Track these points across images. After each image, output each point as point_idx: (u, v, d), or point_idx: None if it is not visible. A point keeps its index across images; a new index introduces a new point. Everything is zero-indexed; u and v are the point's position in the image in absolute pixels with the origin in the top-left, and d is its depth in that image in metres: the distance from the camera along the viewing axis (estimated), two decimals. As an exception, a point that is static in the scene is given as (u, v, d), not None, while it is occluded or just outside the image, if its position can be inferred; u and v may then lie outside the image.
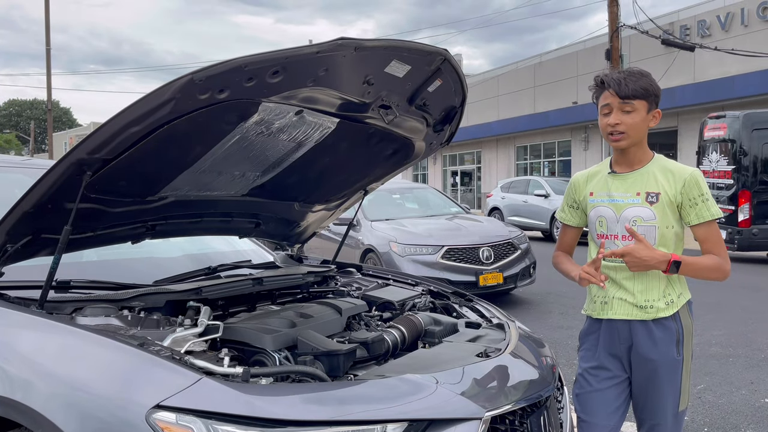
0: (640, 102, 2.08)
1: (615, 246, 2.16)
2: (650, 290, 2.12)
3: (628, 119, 2.08)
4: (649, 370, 2.13)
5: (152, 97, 1.69)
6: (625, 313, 2.14)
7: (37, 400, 1.60)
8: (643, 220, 2.11)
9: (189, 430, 1.47)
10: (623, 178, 2.18)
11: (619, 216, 2.15)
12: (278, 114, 2.10)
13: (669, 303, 2.12)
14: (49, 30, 22.43)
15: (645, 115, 2.10)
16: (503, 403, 1.83)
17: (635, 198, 2.13)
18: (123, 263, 2.81)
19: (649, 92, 2.08)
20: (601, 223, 2.20)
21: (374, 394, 1.71)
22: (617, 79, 2.09)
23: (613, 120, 2.09)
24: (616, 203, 2.16)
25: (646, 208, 2.11)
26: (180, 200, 2.39)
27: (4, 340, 1.79)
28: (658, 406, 2.15)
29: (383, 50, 2.03)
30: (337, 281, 3.10)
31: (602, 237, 2.20)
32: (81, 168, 1.83)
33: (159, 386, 1.54)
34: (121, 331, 1.87)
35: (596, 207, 2.22)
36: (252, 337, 2.02)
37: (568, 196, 2.36)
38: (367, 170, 2.95)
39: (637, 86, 2.06)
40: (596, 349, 2.23)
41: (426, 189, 10.23)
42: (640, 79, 2.08)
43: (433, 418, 1.67)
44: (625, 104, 2.07)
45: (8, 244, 1.96)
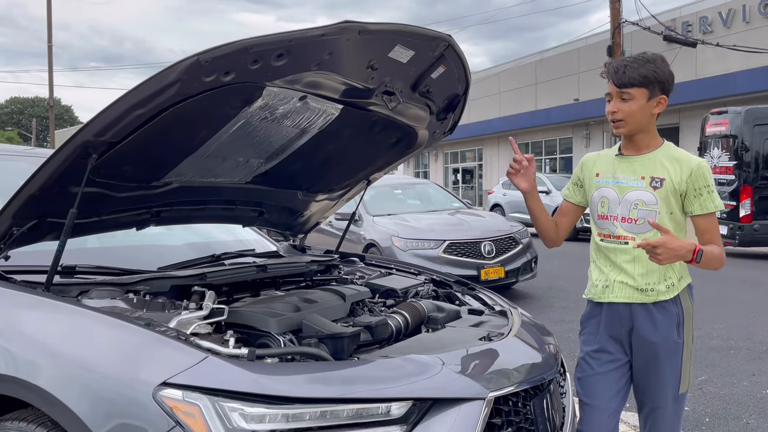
0: (638, 90, 2.07)
1: (614, 227, 2.17)
2: (651, 274, 2.13)
3: (626, 107, 2.09)
4: (650, 353, 2.14)
5: (158, 78, 1.70)
6: (626, 296, 2.15)
7: (46, 379, 1.61)
8: (644, 204, 2.13)
9: (196, 407, 1.49)
10: (630, 161, 2.19)
11: (621, 198, 2.17)
12: (282, 99, 2.11)
13: (669, 286, 2.14)
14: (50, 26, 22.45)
15: (645, 103, 2.09)
16: (506, 385, 1.84)
17: (639, 181, 2.15)
18: (127, 250, 2.82)
19: (648, 80, 2.07)
20: (603, 204, 2.21)
21: (379, 373, 1.73)
22: (616, 67, 2.10)
23: (611, 108, 2.12)
24: (620, 185, 2.18)
25: (648, 192, 2.13)
26: (184, 186, 2.40)
27: (12, 320, 1.80)
28: (658, 388, 2.16)
29: (387, 34, 2.04)
30: (341, 270, 3.11)
31: (603, 218, 2.21)
32: (86, 150, 1.84)
33: (165, 364, 1.56)
34: (127, 313, 1.88)
35: (600, 187, 2.23)
36: (257, 321, 2.03)
37: (576, 174, 2.37)
38: (370, 159, 2.95)
39: (635, 74, 2.06)
40: (598, 333, 2.24)
41: (428, 184, 10.24)
42: (642, 66, 2.07)
43: (437, 397, 1.69)
44: (623, 92, 2.08)
45: (14, 227, 1.98)
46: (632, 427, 3.61)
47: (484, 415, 1.71)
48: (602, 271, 2.23)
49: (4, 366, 1.68)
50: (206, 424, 1.47)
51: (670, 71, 2.13)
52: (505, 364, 1.96)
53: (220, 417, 1.48)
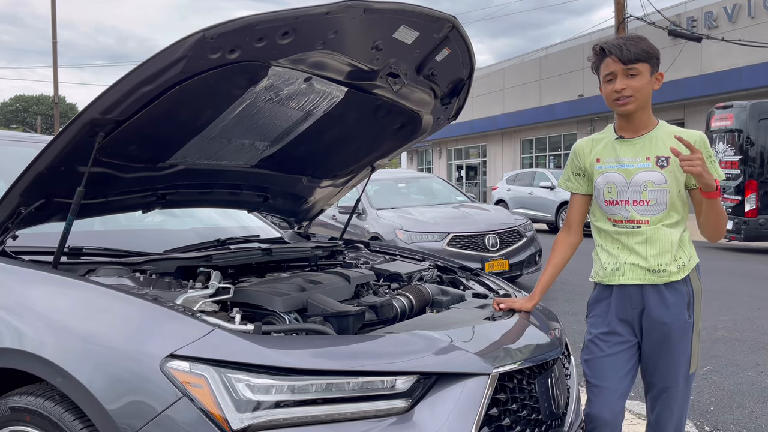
0: (643, 65, 2.09)
1: (626, 211, 2.16)
2: (663, 254, 2.12)
3: (634, 83, 2.09)
4: (662, 334, 2.14)
5: (164, 54, 1.71)
6: (638, 278, 2.14)
7: (54, 352, 1.62)
8: (654, 184, 2.12)
9: (203, 378, 1.50)
10: (631, 143, 2.17)
11: (630, 181, 2.15)
12: (287, 80, 2.11)
13: (680, 266, 2.13)
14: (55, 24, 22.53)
15: (649, 78, 2.11)
16: (510, 362, 1.85)
17: (645, 162, 2.14)
18: (134, 235, 2.84)
19: (650, 54, 2.10)
20: (610, 189, 2.19)
21: (384, 348, 1.74)
22: (618, 44, 2.10)
23: (619, 85, 2.09)
24: (626, 168, 2.16)
25: (656, 172, 2.12)
26: (190, 169, 2.41)
27: (20, 297, 1.82)
28: (670, 369, 2.16)
29: (392, 13, 2.04)
30: (345, 255, 3.12)
31: (611, 203, 2.19)
32: (94, 129, 1.85)
33: (173, 337, 1.57)
34: (134, 290, 1.89)
35: (604, 173, 2.20)
36: (263, 299, 2.05)
37: (572, 164, 2.34)
38: (375, 144, 2.96)
39: (639, 49, 2.08)
40: (607, 315, 2.22)
41: (432, 178, 10.25)
42: (640, 42, 2.10)
43: (442, 371, 1.69)
44: (629, 69, 2.08)
45: (22, 206, 1.99)
46: (636, 415, 3.61)
47: (488, 390, 1.72)
48: (611, 253, 2.20)
49: (16, 341, 1.70)
50: (213, 394, 1.48)
51: (658, 50, 2.17)
52: (509, 343, 1.97)
53: (226, 388, 1.49)
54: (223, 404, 1.48)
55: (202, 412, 1.47)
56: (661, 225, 2.14)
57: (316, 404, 1.54)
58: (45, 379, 1.65)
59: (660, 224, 2.14)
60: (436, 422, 1.61)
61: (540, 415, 1.91)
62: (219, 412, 1.47)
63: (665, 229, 2.13)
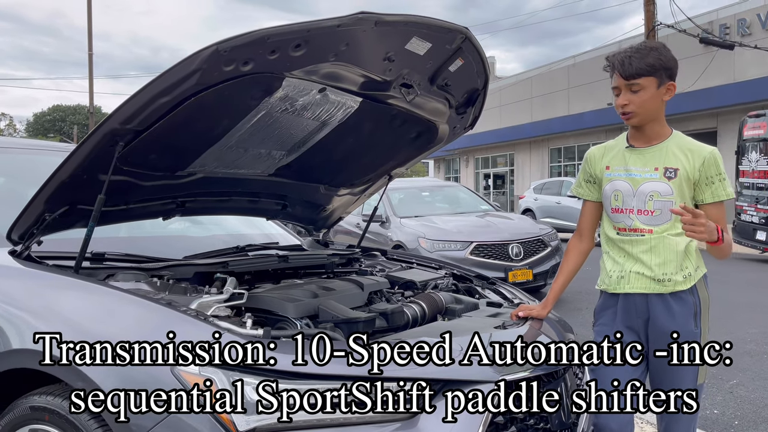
0: (647, 79, 2.06)
1: (630, 220, 2.16)
2: (668, 264, 2.11)
3: (636, 98, 2.07)
4: (667, 344, 2.11)
5: (180, 67, 1.77)
6: (643, 287, 2.14)
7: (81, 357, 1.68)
8: (660, 195, 2.11)
9: (211, 379, 1.54)
10: (641, 152, 2.17)
11: (636, 190, 2.15)
12: (302, 91, 2.16)
13: (686, 276, 2.12)
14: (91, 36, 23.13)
15: (655, 91, 2.08)
16: (518, 370, 1.86)
17: (653, 173, 2.13)
18: (156, 241, 2.91)
19: (655, 68, 2.06)
20: (616, 197, 2.19)
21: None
22: (621, 59, 2.08)
23: (621, 101, 2.10)
24: (633, 177, 2.16)
25: (663, 183, 2.11)
26: (208, 177, 2.47)
27: (44, 300, 1.89)
28: (677, 380, 2.14)
29: (403, 25, 2.07)
30: (362, 263, 3.15)
31: (618, 211, 2.19)
32: (114, 138, 1.92)
33: (184, 339, 1.61)
34: (150, 295, 1.95)
35: (612, 181, 2.21)
36: (275, 305, 2.09)
37: (584, 171, 2.35)
38: (391, 153, 2.99)
39: (642, 64, 2.05)
40: (613, 324, 2.21)
41: (456, 187, 10.24)
42: (647, 55, 2.06)
43: (447, 378, 1.71)
44: (631, 84, 2.07)
45: (47, 213, 2.07)
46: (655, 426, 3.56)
47: (494, 398, 1.73)
48: (616, 261, 2.20)
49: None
50: (221, 396, 1.52)
51: (673, 57, 2.11)
52: (518, 351, 1.97)
53: (234, 390, 1.53)
54: (230, 406, 1.51)
55: (210, 413, 1.51)
56: (667, 234, 2.12)
57: (321, 408, 1.57)
58: (63, 379, 1.71)
59: (665, 233, 2.12)
60: (441, 429, 1.63)
61: (549, 424, 1.91)
62: (226, 413, 1.51)
63: (671, 237, 2.12)
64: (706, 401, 4.07)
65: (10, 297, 1.95)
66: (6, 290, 1.98)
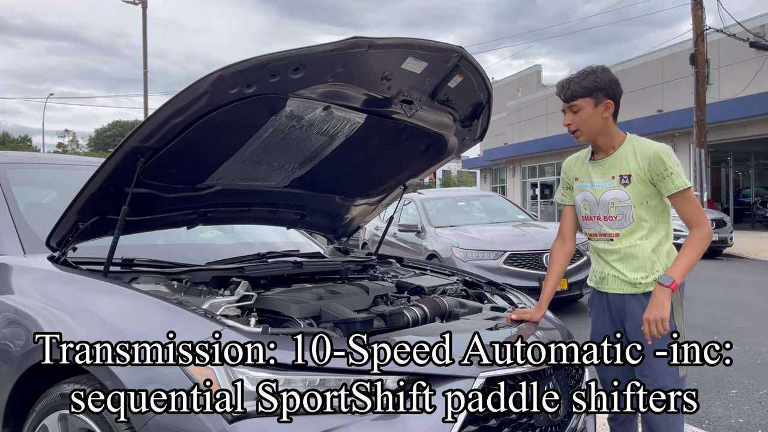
0: (584, 100, 2.32)
1: (599, 226, 2.40)
2: (638, 270, 2.35)
3: (577, 118, 2.35)
4: (643, 338, 2.30)
5: (189, 91, 1.97)
6: (619, 288, 2.40)
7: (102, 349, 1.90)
8: (619, 201, 2.36)
9: (211, 371, 1.73)
10: (600, 164, 2.42)
11: (599, 199, 2.41)
12: (307, 109, 2.33)
13: (656, 279, 2.31)
14: (146, 54, 24.20)
15: (592, 110, 2.33)
16: (500, 367, 1.97)
17: (611, 182, 2.37)
18: (183, 248, 3.14)
19: (590, 89, 2.30)
20: (585, 206, 2.47)
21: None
22: (561, 84, 2.36)
23: (565, 121, 2.40)
24: (596, 188, 2.41)
25: (620, 190, 2.35)
26: (227, 189, 2.67)
27: (76, 299, 2.13)
28: (659, 371, 2.32)
29: (396, 47, 2.22)
30: (376, 269, 3.30)
31: (587, 219, 2.47)
32: (135, 155, 2.14)
33: (189, 334, 1.81)
34: (167, 296, 2.16)
35: (581, 191, 2.48)
36: (281, 306, 2.27)
37: (563, 179, 2.61)
38: (402, 165, 3.14)
39: (578, 87, 2.31)
40: (603, 315, 2.50)
41: (492, 197, 10.29)
42: (584, 79, 2.32)
43: (429, 373, 1.85)
44: (571, 105, 2.35)
45: (80, 222, 2.31)
46: None
47: (473, 392, 1.86)
48: (598, 263, 2.47)
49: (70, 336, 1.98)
50: (219, 385, 1.70)
51: (610, 78, 2.34)
52: (503, 350, 2.09)
53: (230, 380, 1.71)
54: (227, 394, 1.69)
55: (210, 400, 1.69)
56: (633, 241, 2.32)
57: (309, 397, 1.73)
58: (89, 370, 1.93)
59: (633, 238, 2.33)
60: (420, 419, 1.77)
61: (532, 419, 2.02)
62: (224, 400, 1.69)
63: (639, 243, 2.33)
64: (732, 410, 4.04)
65: (48, 296, 2.21)
66: (45, 291, 2.24)
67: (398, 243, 8.87)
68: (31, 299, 2.22)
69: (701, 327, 6.47)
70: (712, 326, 6.50)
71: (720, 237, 13.34)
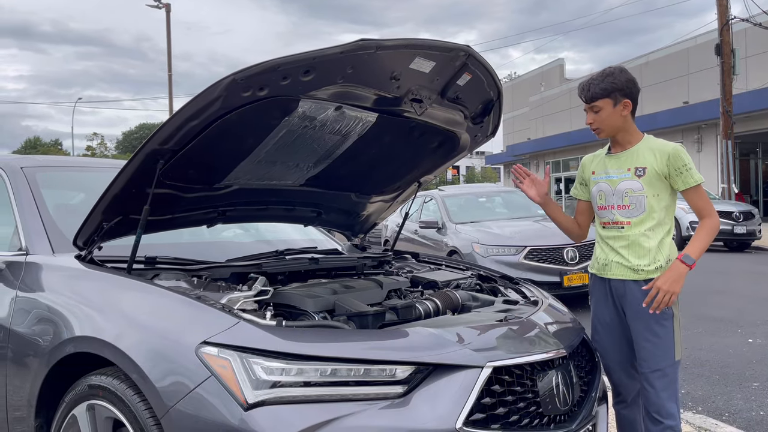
0: (603, 101, 2.50)
1: (612, 215, 2.55)
2: (642, 257, 2.49)
3: (597, 117, 2.53)
4: (644, 321, 2.48)
5: (204, 95, 2.06)
6: (621, 274, 2.55)
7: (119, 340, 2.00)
8: (633, 191, 2.53)
9: (227, 361, 1.81)
10: (617, 157, 2.60)
11: (614, 189, 2.58)
12: (319, 109, 2.41)
13: (658, 267, 2.49)
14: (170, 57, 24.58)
15: (612, 110, 2.51)
16: (508, 357, 2.03)
17: (626, 173, 2.53)
18: (206, 246, 3.23)
19: (609, 90, 2.47)
20: (600, 197, 2.62)
21: (387, 340, 1.98)
22: (582, 86, 2.53)
23: (588, 120, 2.58)
24: (612, 179, 2.59)
25: (635, 180, 2.52)
26: (244, 188, 2.76)
27: (102, 295, 2.24)
28: (656, 354, 2.46)
29: (404, 48, 2.28)
30: (392, 265, 3.37)
31: (602, 208, 2.61)
32: (155, 157, 2.24)
33: (207, 327, 1.90)
34: (187, 291, 2.25)
35: (597, 183, 2.65)
36: (296, 300, 2.35)
37: (579, 175, 2.76)
38: (416, 162, 3.20)
39: (598, 89, 2.48)
40: (604, 301, 2.64)
41: (513, 192, 10.28)
42: (603, 80, 2.50)
43: (437, 362, 1.91)
44: (592, 106, 2.53)
45: (104, 222, 2.41)
46: (696, 428, 3.58)
47: (481, 381, 1.91)
48: (603, 250, 2.61)
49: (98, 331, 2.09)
50: (235, 374, 1.79)
51: (627, 78, 2.50)
52: (511, 340, 2.14)
53: (245, 369, 1.79)
54: (242, 383, 1.78)
55: (225, 389, 1.78)
56: (642, 230, 2.48)
57: (320, 386, 1.81)
58: (115, 362, 2.03)
59: (641, 228, 2.48)
60: (428, 407, 1.83)
61: (540, 408, 2.07)
62: (239, 389, 1.77)
63: (647, 233, 2.49)
64: (754, 402, 4.02)
65: (76, 293, 2.32)
66: (73, 288, 2.35)
67: (419, 240, 8.93)
68: (60, 296, 2.34)
69: (725, 320, 6.42)
70: (736, 319, 6.44)
71: (748, 230, 13.12)
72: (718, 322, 6.34)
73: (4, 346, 2.40)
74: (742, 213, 13.22)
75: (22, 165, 3.00)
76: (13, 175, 2.90)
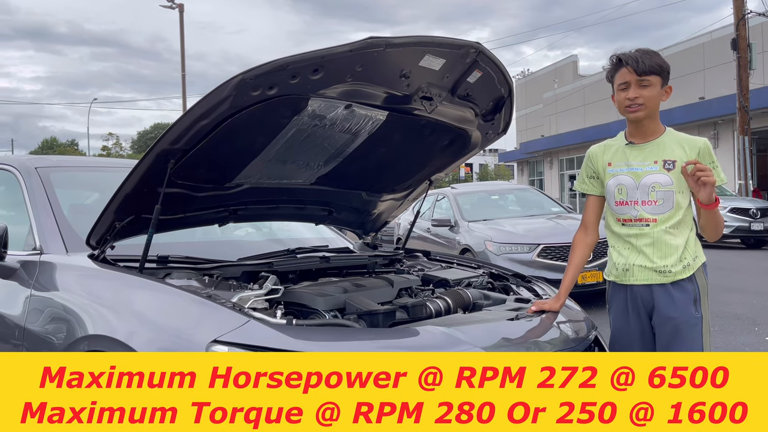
0: (656, 77, 2.29)
1: (635, 211, 2.34)
2: (668, 256, 2.29)
3: (646, 92, 2.28)
4: (672, 328, 2.29)
5: (214, 94, 2.07)
6: (646, 278, 2.33)
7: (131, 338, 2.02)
8: (661, 185, 2.31)
9: (237, 358, 1.82)
10: (640, 148, 2.37)
11: (639, 183, 2.35)
12: (328, 108, 2.40)
13: (685, 266, 2.31)
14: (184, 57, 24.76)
15: (659, 90, 2.31)
16: (518, 356, 2.01)
17: (653, 165, 2.33)
18: (218, 245, 3.25)
19: (662, 68, 2.29)
20: (620, 191, 2.38)
21: (392, 339, 1.98)
22: (635, 57, 2.29)
23: (632, 94, 2.30)
24: (635, 171, 2.35)
25: (663, 174, 2.30)
26: (255, 187, 2.77)
27: (115, 294, 2.26)
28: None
29: (413, 45, 2.27)
30: (403, 263, 3.36)
31: (622, 204, 2.37)
32: (166, 157, 2.25)
33: (218, 325, 1.90)
34: (198, 290, 2.26)
35: (616, 176, 2.40)
36: (307, 299, 2.36)
37: (587, 167, 2.54)
38: (426, 160, 3.18)
39: (653, 62, 2.27)
40: (626, 311, 2.40)
41: (526, 190, 10.24)
42: (654, 56, 2.30)
43: None
44: (642, 79, 2.28)
45: (116, 221, 2.43)
46: None
47: None
48: (621, 254, 2.39)
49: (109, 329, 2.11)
50: None
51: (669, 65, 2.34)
52: (519, 339, 2.13)
53: None
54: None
55: None
56: (667, 227, 2.29)
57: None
58: None
59: (666, 225, 2.29)
60: None
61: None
62: None
63: (671, 231, 2.30)
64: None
65: (89, 292, 2.34)
66: (86, 287, 2.38)
67: (432, 238, 8.91)
68: (73, 295, 2.36)
69: (742, 317, 6.34)
70: (753, 317, 6.37)
71: (766, 226, 12.96)
72: (734, 319, 6.27)
73: (19, 344, 2.43)
74: (759, 210, 13.07)
75: (37, 165, 3.04)
76: (27, 176, 2.94)
